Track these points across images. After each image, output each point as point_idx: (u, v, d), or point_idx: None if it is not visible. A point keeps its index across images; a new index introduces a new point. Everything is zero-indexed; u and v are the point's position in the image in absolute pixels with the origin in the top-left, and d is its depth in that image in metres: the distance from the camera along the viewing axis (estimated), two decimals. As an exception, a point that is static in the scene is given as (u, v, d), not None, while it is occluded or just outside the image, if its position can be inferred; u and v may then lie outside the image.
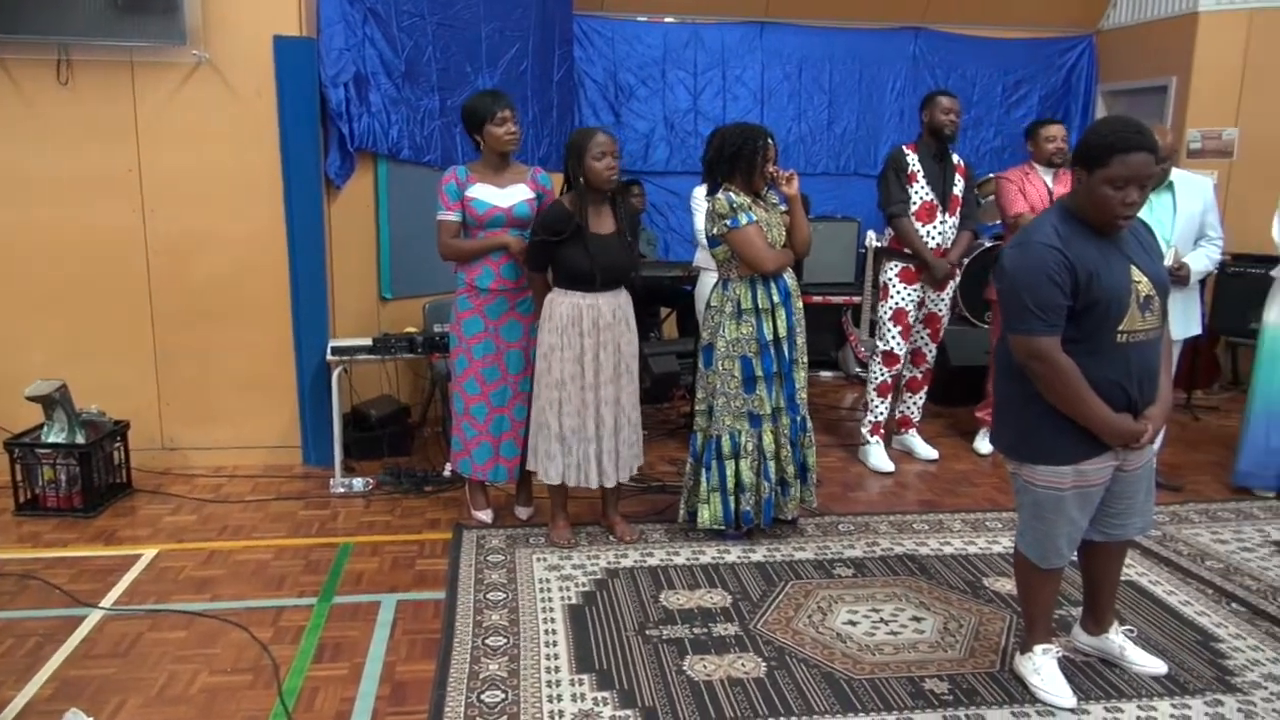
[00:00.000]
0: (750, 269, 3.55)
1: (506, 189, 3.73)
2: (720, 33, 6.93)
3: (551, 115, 6.27)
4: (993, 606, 3.26)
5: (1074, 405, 2.44)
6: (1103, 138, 2.37)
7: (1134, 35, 6.94)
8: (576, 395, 3.56)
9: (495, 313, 3.78)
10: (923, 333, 4.78)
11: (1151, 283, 2.48)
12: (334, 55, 4.54)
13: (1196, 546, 3.79)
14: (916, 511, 4.18)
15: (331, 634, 3.06)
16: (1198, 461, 4.90)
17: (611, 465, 3.65)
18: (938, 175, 4.56)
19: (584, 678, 2.78)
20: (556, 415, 3.58)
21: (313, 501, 4.24)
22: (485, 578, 3.44)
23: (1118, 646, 2.85)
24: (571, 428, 3.58)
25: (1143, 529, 2.74)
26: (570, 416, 3.57)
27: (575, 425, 3.58)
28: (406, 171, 5.05)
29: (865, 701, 2.66)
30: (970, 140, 7.14)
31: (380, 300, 5.11)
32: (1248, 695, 2.71)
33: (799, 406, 3.70)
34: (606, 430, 3.60)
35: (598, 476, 3.63)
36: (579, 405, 3.56)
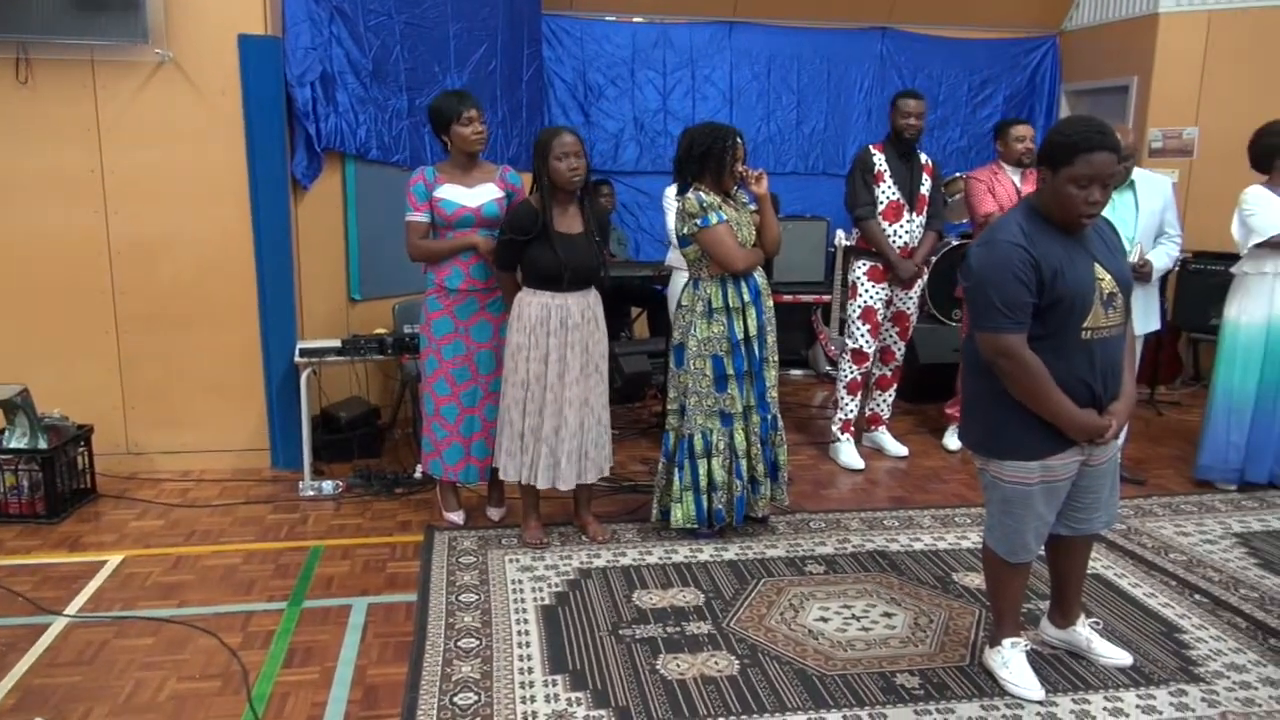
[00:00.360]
0: (721, 268, 3.56)
1: (475, 189, 3.72)
2: (689, 33, 6.95)
3: (521, 115, 6.26)
4: (962, 601, 3.29)
5: (1040, 401, 2.47)
6: (1066, 137, 2.40)
7: (1096, 36, 7.05)
8: (540, 395, 3.55)
9: (465, 313, 3.76)
10: (891, 331, 4.82)
11: (1115, 280, 2.51)
12: (300, 54, 4.50)
13: (1160, 539, 3.85)
14: (887, 508, 4.21)
15: (302, 638, 3.03)
16: (1161, 456, 4.98)
17: (573, 467, 3.60)
18: (905, 175, 4.60)
19: (557, 678, 2.78)
20: (521, 414, 3.58)
21: (282, 505, 4.20)
22: (457, 579, 3.42)
23: (1084, 639, 2.89)
24: (531, 427, 3.57)
25: (1108, 523, 2.78)
26: (532, 416, 3.56)
27: (535, 424, 3.57)
28: (375, 172, 5.02)
29: (838, 698, 2.68)
30: (937, 139, 7.21)
31: (349, 301, 5.07)
32: (1211, 685, 2.76)
33: (770, 405, 3.72)
34: (569, 431, 3.57)
35: (552, 478, 3.59)
36: (541, 405, 3.56)
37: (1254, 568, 3.58)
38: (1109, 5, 6.89)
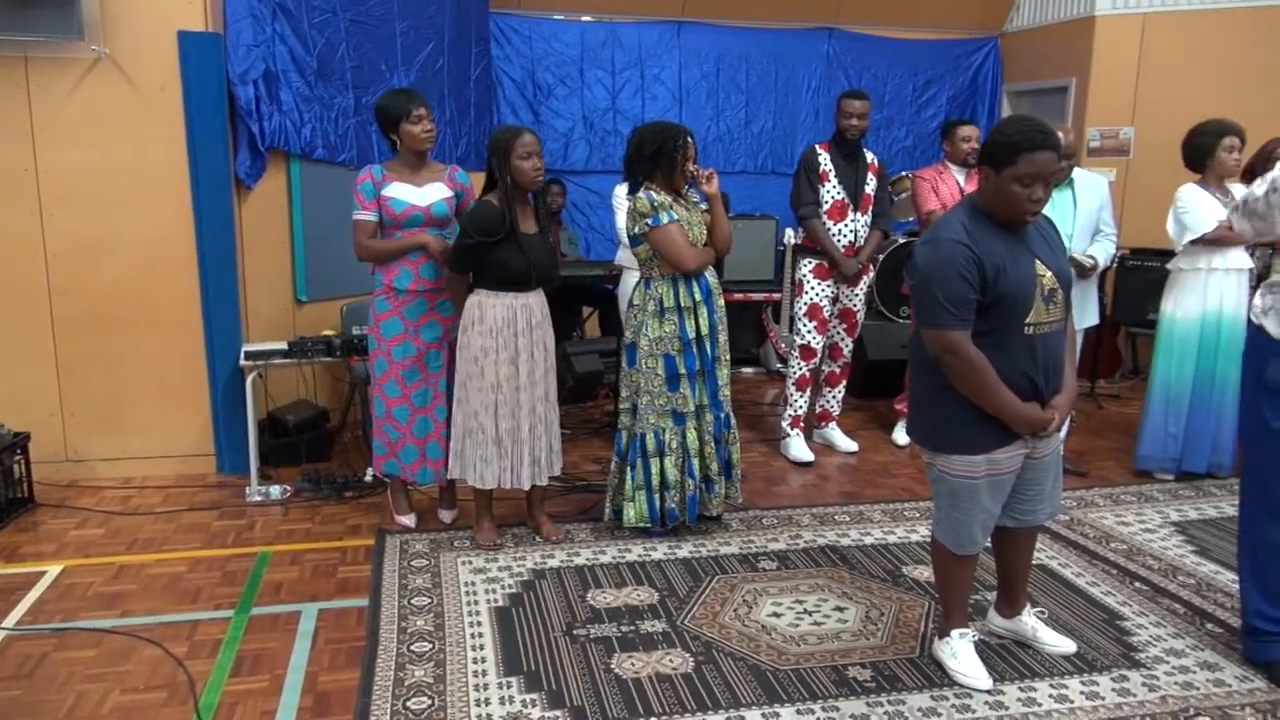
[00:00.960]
0: (672, 267, 3.57)
1: (424, 188, 3.69)
2: (637, 32, 6.95)
3: (469, 114, 6.21)
4: (912, 594, 3.34)
5: (985, 396, 2.52)
6: (1009, 137, 2.45)
7: (1036, 37, 7.20)
8: (512, 396, 3.53)
9: (414, 314, 3.73)
10: (839, 328, 4.87)
11: (1055, 276, 2.57)
12: (242, 52, 4.42)
13: (1102, 529, 3.95)
14: (838, 503, 4.26)
15: (250, 646, 2.98)
16: (1102, 447, 5.11)
17: (546, 461, 3.67)
18: (849, 174, 4.65)
19: (512, 680, 2.77)
20: (493, 419, 3.54)
21: (228, 511, 4.12)
22: (409, 583, 3.39)
23: (1030, 628, 2.95)
24: (508, 430, 3.55)
25: (1051, 514, 2.84)
26: (506, 419, 3.54)
27: (511, 427, 3.55)
28: (321, 171, 4.95)
29: (791, 692, 2.71)
30: (882, 139, 7.31)
31: (296, 303, 5.00)
32: (1151, 670, 2.84)
33: (722, 404, 3.74)
34: (542, 428, 3.61)
35: (532, 475, 3.62)
36: (514, 406, 3.54)
37: (1191, 555, 3.69)
38: (1048, 7, 7.04)
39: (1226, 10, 6.26)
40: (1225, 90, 5.97)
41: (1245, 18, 6.21)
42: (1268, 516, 2.75)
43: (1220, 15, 6.27)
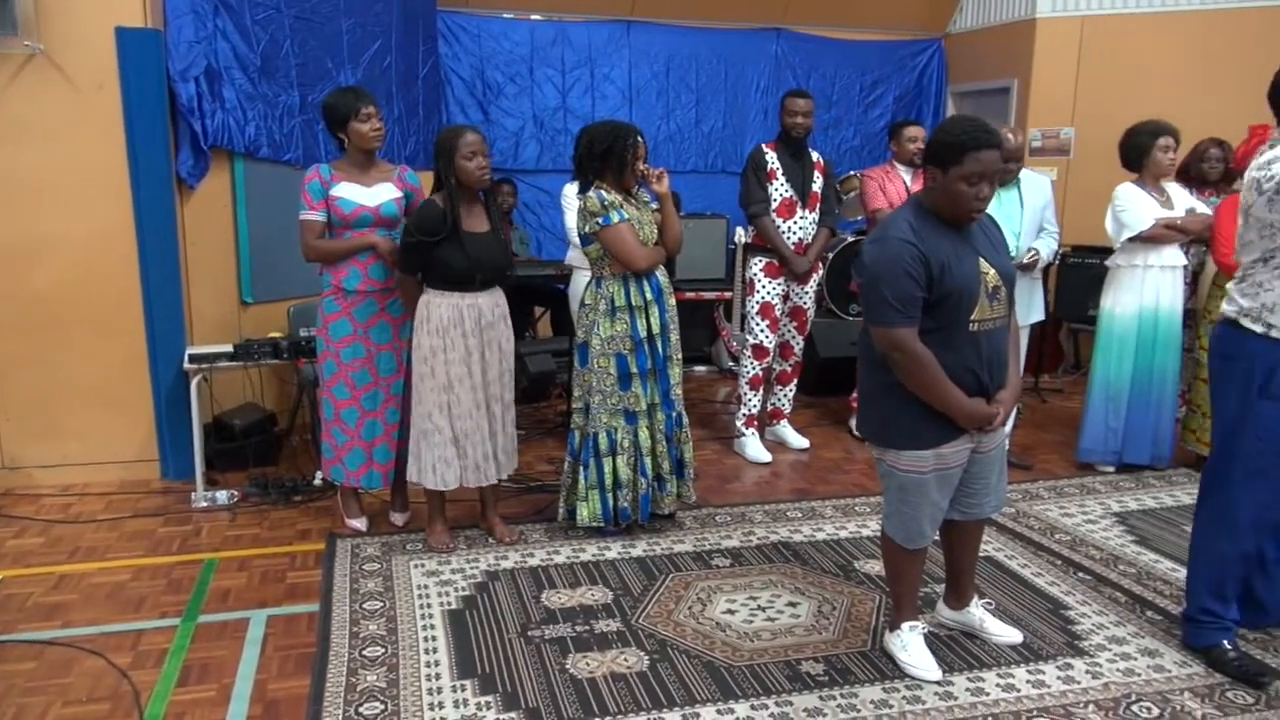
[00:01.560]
0: (623, 267, 3.57)
1: (373, 188, 3.65)
2: (587, 31, 6.94)
3: (418, 113, 6.16)
4: (863, 588, 3.39)
5: (932, 392, 2.56)
6: (955, 137, 2.49)
7: (979, 39, 7.33)
8: (468, 396, 3.51)
9: (364, 315, 3.69)
10: (790, 326, 4.92)
11: (998, 274, 2.62)
12: (183, 48, 4.33)
13: (1046, 521, 4.03)
14: (790, 500, 4.30)
15: (197, 655, 2.92)
16: (1046, 441, 5.22)
17: (506, 459, 3.69)
18: (797, 173, 4.69)
19: (466, 683, 2.75)
20: (447, 419, 3.52)
21: (173, 517, 4.04)
22: (361, 587, 3.35)
23: (978, 619, 3.01)
24: (464, 430, 3.53)
25: (997, 507, 2.90)
26: (463, 419, 3.52)
27: (469, 427, 3.53)
28: (266, 170, 4.87)
29: (745, 688, 2.73)
30: (831, 139, 7.39)
31: (241, 304, 4.91)
32: (1094, 657, 2.91)
33: (674, 402, 3.75)
34: (499, 426, 3.61)
35: (496, 471, 3.64)
36: (471, 406, 3.52)
37: (1131, 545, 3.79)
38: (990, 10, 7.18)
39: (1160, 14, 6.44)
40: (1160, 92, 6.13)
41: (1178, 22, 6.38)
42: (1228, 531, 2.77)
43: (1154, 19, 6.45)
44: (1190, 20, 6.35)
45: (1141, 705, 2.66)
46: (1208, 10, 6.33)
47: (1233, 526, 2.77)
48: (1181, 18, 6.38)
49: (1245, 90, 6.13)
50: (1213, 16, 6.31)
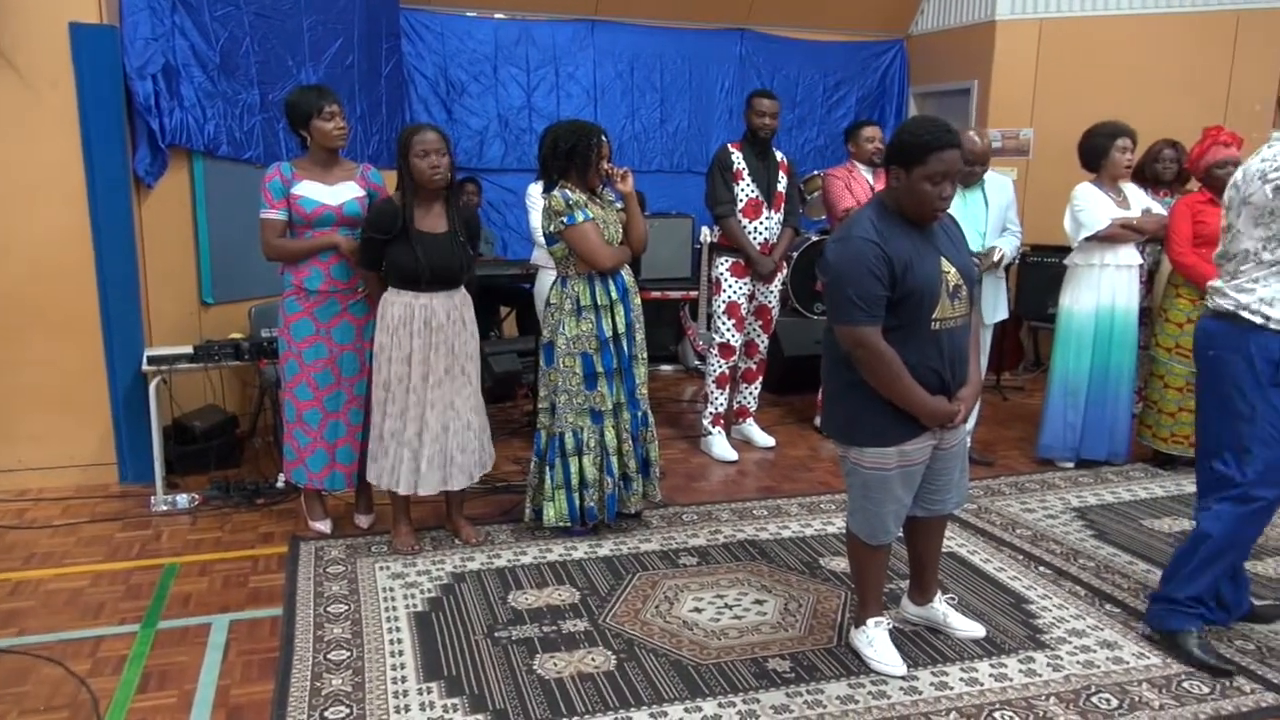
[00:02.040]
0: (588, 266, 3.57)
1: (335, 186, 3.61)
2: (551, 30, 6.92)
3: (381, 111, 6.11)
4: (829, 585, 3.41)
5: (895, 390, 2.59)
6: (918, 137, 2.52)
7: (940, 41, 7.41)
8: (401, 397, 3.49)
9: (326, 315, 3.65)
10: (755, 325, 4.94)
11: (959, 273, 2.66)
12: (139, 45, 4.26)
13: (1007, 516, 4.09)
14: (756, 498, 4.32)
15: (157, 661, 2.88)
16: (1007, 438, 5.29)
17: (436, 472, 3.53)
18: (762, 173, 4.72)
19: (432, 685, 2.73)
20: (382, 416, 3.52)
21: (132, 522, 3.97)
22: (325, 590, 3.32)
23: (941, 614, 3.05)
24: (392, 430, 3.51)
25: (959, 503, 2.93)
26: (393, 418, 3.50)
27: (396, 427, 3.50)
28: (226, 169, 4.80)
29: (712, 686, 2.74)
30: (795, 139, 7.43)
31: (201, 305, 4.84)
32: (1055, 650, 2.96)
33: (640, 402, 3.76)
34: (431, 435, 3.50)
35: (414, 483, 3.51)
36: (403, 407, 3.49)
37: (1090, 539, 3.85)
38: (951, 12, 7.26)
39: (1116, 17, 6.55)
40: (1116, 93, 6.24)
41: (1133, 24, 6.50)
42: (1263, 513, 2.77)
43: (1110, 21, 6.56)
44: (1145, 23, 6.47)
45: (1101, 696, 2.71)
46: (1161, 13, 6.45)
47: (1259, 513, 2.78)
48: (1136, 20, 6.49)
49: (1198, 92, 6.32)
50: (1166, 20, 6.43)
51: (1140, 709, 2.64)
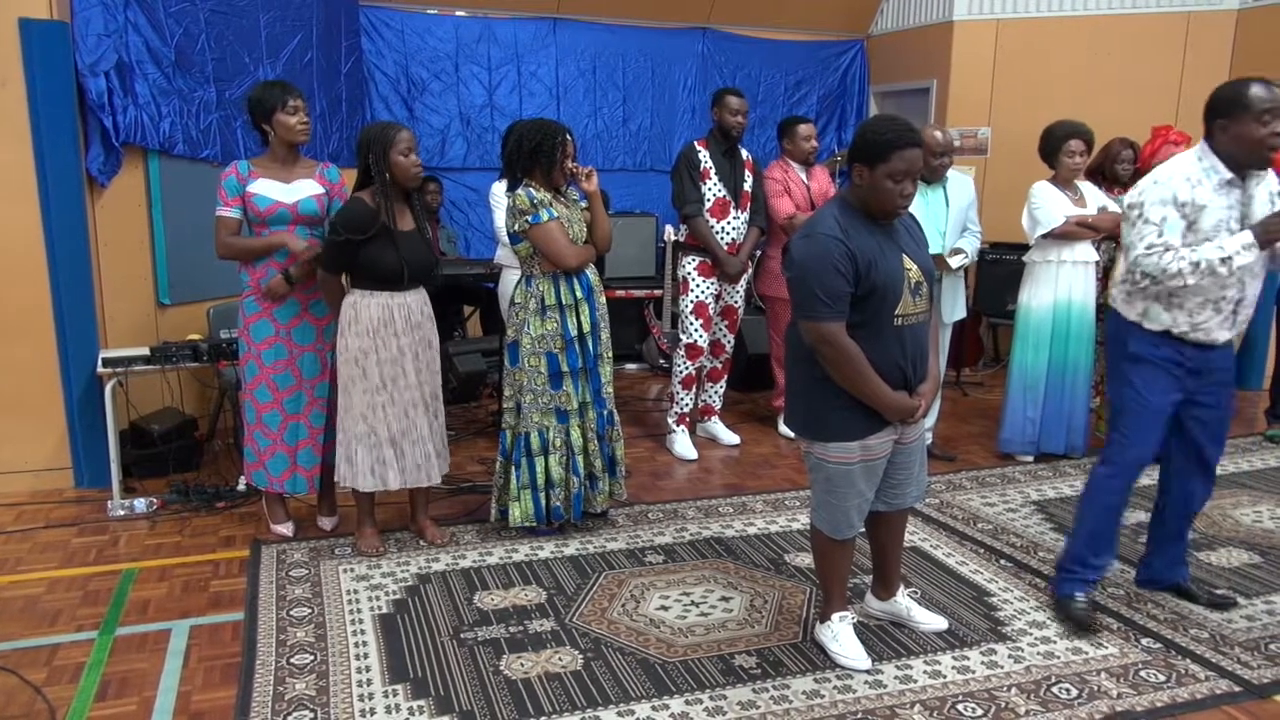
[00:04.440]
0: (553, 265, 3.56)
1: (292, 184, 3.57)
2: (513, 27, 6.89)
3: (341, 109, 6.04)
4: (794, 581, 3.44)
5: (858, 385, 2.61)
6: (882, 135, 2.55)
7: (899, 41, 7.48)
8: (400, 396, 3.46)
9: (286, 316, 3.61)
10: (721, 324, 4.96)
11: (920, 270, 2.69)
12: (92, 41, 4.18)
13: (969, 510, 4.15)
14: (722, 495, 4.34)
15: (116, 668, 2.83)
16: (968, 433, 5.36)
17: (430, 465, 3.62)
18: (729, 172, 4.73)
19: (398, 688, 2.71)
20: (383, 420, 3.46)
21: (88, 527, 3.90)
22: (288, 594, 3.28)
23: (905, 608, 3.08)
24: (402, 430, 3.49)
25: (919, 497, 2.97)
26: (399, 419, 3.48)
27: (405, 427, 3.49)
28: (182, 168, 4.72)
29: (679, 683, 2.75)
30: (757, 138, 7.46)
31: (158, 306, 4.76)
32: (1016, 642, 3.00)
33: (605, 401, 3.76)
34: (425, 429, 3.57)
35: (430, 474, 3.61)
36: (406, 406, 3.47)
37: (1050, 532, 3.91)
38: (910, 12, 7.33)
39: (1070, 18, 6.66)
40: (1070, 93, 6.35)
41: (1087, 25, 6.61)
42: (1115, 473, 3.07)
43: (1065, 22, 6.66)
44: (1098, 24, 6.58)
45: (1061, 686, 2.75)
46: (1114, 14, 6.57)
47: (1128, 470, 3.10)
48: (1090, 21, 6.61)
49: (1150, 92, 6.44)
50: (1119, 21, 6.55)
51: (1099, 698, 2.69)
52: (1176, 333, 2.93)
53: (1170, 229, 2.83)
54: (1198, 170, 2.85)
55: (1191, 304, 2.90)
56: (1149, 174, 2.95)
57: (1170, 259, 2.80)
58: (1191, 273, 2.79)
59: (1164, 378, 2.98)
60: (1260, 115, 2.72)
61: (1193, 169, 2.86)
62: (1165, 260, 2.81)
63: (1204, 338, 2.94)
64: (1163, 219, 2.83)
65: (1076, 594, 3.14)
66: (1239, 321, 2.97)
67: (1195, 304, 2.90)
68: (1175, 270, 2.80)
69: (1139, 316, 2.99)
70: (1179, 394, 3.00)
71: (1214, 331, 2.93)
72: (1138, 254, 2.86)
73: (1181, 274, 2.80)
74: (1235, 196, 2.87)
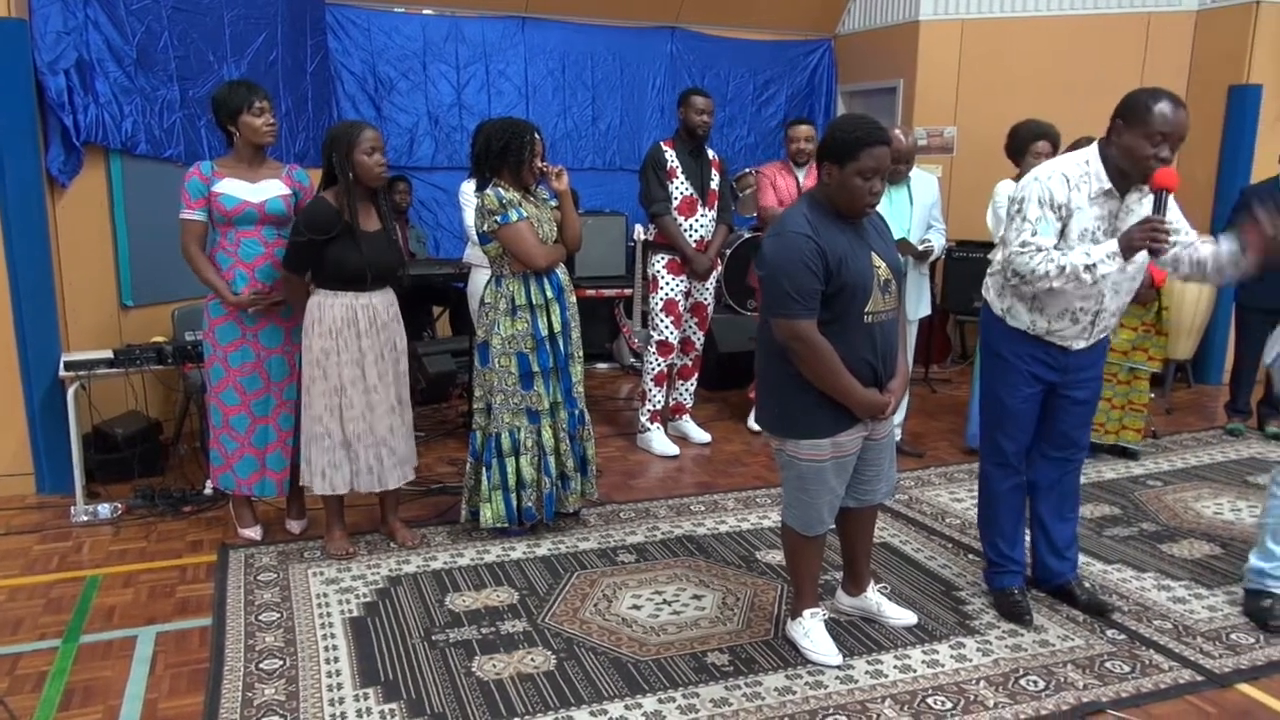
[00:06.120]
0: (522, 265, 3.55)
1: (259, 184, 3.53)
2: (481, 26, 6.87)
3: (307, 108, 5.98)
4: (766, 578, 3.45)
5: (830, 382, 2.63)
6: (850, 134, 2.57)
7: (866, 40, 7.54)
8: (360, 399, 3.43)
9: (253, 318, 3.57)
10: (691, 322, 4.97)
11: (889, 267, 2.72)
12: (51, 39, 4.11)
13: (937, 506, 4.19)
14: (693, 494, 4.35)
15: (81, 677, 2.79)
16: (936, 429, 5.41)
17: (395, 467, 3.57)
18: (695, 171, 4.75)
19: (369, 691, 2.70)
20: (338, 422, 3.43)
21: (51, 533, 3.83)
22: (257, 598, 3.25)
23: (875, 604, 3.11)
24: (357, 433, 3.45)
25: (888, 493, 3.00)
26: (354, 421, 3.44)
27: (361, 430, 3.45)
28: (146, 168, 4.65)
29: (652, 682, 2.75)
30: (725, 137, 7.49)
31: (121, 308, 4.69)
32: (984, 635, 3.04)
33: (576, 400, 3.75)
34: (387, 432, 3.52)
35: (383, 479, 3.53)
36: (363, 409, 3.44)
37: (1017, 526, 3.96)
38: (876, 12, 7.39)
39: (1033, 18, 6.74)
40: (1035, 92, 6.41)
41: (1050, 25, 6.69)
42: (995, 467, 3.15)
43: (1028, 22, 6.74)
44: (1061, 25, 6.66)
45: (1029, 679, 2.79)
46: (1076, 15, 6.65)
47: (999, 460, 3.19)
48: (1053, 22, 6.69)
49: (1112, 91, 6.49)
50: (1081, 21, 6.63)
51: (1066, 689, 2.73)
52: (1033, 334, 2.98)
53: (1045, 230, 2.84)
54: (1077, 173, 2.85)
55: (1051, 311, 2.94)
56: (1035, 169, 2.95)
57: (1040, 260, 2.81)
58: (1057, 276, 2.79)
59: (1022, 379, 3.02)
60: (1153, 135, 2.70)
61: (1074, 171, 2.86)
62: (1035, 261, 2.81)
63: (1059, 342, 2.99)
64: (1038, 218, 2.84)
65: (1010, 586, 3.17)
66: (1096, 332, 2.99)
67: (1055, 312, 2.94)
68: (1043, 272, 2.80)
69: (1003, 312, 3.03)
70: (1040, 388, 3.04)
71: (1070, 340, 2.98)
72: (1012, 250, 2.88)
73: (1048, 276, 2.80)
74: (1110, 208, 2.86)
